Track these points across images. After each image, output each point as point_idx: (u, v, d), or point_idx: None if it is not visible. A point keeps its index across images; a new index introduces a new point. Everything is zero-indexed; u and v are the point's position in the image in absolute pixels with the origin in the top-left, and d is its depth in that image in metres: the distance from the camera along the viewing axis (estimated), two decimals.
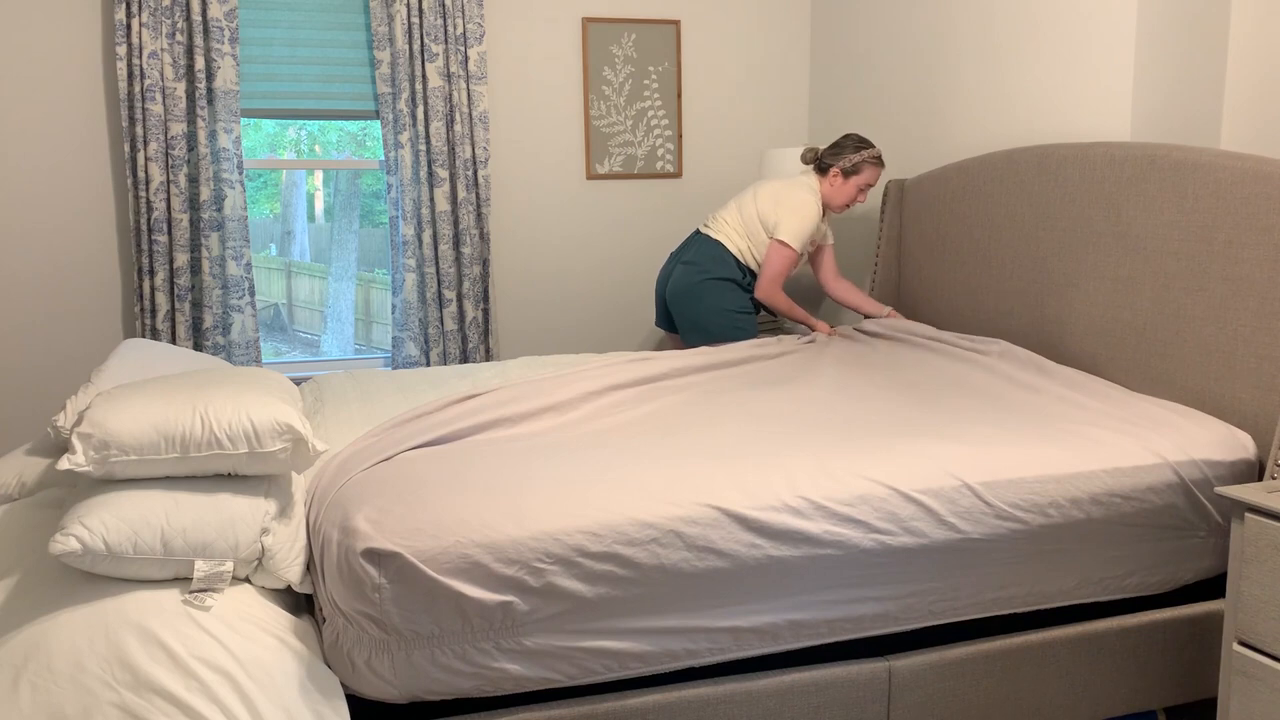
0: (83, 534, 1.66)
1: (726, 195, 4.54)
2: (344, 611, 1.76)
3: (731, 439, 2.22)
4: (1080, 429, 2.28)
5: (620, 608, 1.86)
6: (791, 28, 4.53)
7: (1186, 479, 2.18)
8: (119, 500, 1.73)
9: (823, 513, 1.95)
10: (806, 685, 1.98)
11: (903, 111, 3.89)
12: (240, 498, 1.81)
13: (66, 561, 1.67)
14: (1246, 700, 1.87)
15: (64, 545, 1.65)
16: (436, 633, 1.77)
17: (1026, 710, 2.16)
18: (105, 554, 1.68)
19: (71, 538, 1.66)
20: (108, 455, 1.73)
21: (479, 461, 2.05)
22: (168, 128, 3.67)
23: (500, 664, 1.81)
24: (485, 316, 4.10)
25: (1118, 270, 2.72)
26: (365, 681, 1.77)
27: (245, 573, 1.83)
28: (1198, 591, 2.30)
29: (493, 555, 1.78)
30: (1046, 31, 3.13)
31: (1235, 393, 2.40)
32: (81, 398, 2.26)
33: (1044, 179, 2.98)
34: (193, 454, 1.78)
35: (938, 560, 2.03)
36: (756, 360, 3.01)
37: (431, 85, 3.90)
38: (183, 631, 1.66)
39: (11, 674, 1.59)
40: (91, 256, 3.79)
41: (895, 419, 2.38)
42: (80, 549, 1.66)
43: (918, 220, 3.62)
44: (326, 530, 1.83)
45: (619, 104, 4.31)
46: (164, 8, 3.62)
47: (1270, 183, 2.31)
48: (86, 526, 1.67)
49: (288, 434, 1.82)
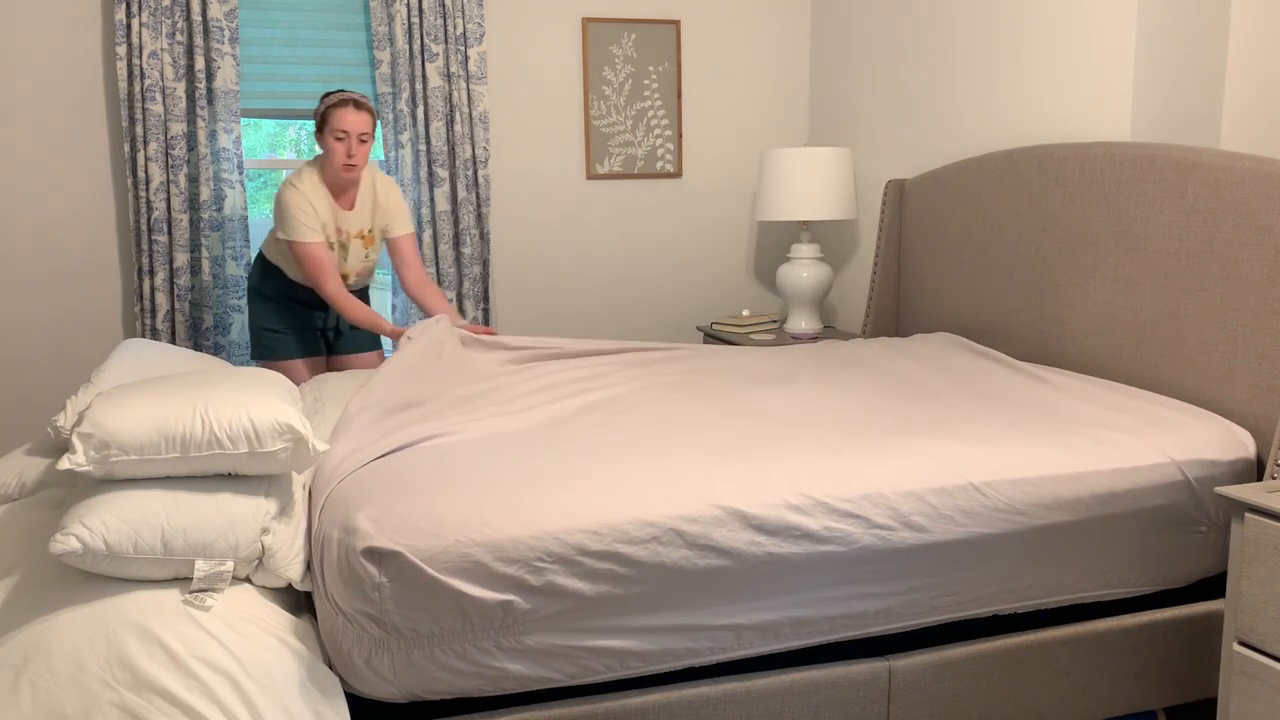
0: (83, 534, 1.66)
1: (727, 195, 4.54)
2: (344, 610, 1.76)
3: (731, 437, 2.22)
4: (1080, 427, 2.28)
5: (621, 606, 1.86)
6: (791, 28, 4.53)
7: (1188, 476, 2.18)
8: (119, 500, 1.73)
9: (823, 509, 1.95)
10: (806, 685, 1.98)
11: (903, 111, 3.89)
12: (240, 497, 1.80)
13: (66, 561, 1.67)
14: (1246, 700, 1.87)
15: (64, 545, 1.65)
16: (437, 632, 1.77)
17: (1026, 710, 2.15)
18: (105, 554, 1.67)
19: (72, 537, 1.66)
20: (108, 455, 1.73)
21: (479, 460, 2.05)
22: (168, 128, 3.67)
23: (501, 663, 1.81)
24: (485, 316, 4.10)
25: (1118, 270, 2.72)
26: (365, 681, 1.77)
27: (245, 572, 1.83)
28: (1198, 591, 2.30)
29: (493, 554, 1.78)
30: (1046, 31, 3.13)
31: (1235, 393, 2.40)
32: (81, 398, 2.26)
33: (1044, 179, 2.98)
34: (193, 454, 1.78)
35: (939, 557, 2.03)
36: (750, 357, 3.01)
37: (431, 85, 3.90)
38: (183, 631, 1.66)
39: (12, 674, 1.59)
40: (91, 256, 3.79)
41: (896, 416, 2.38)
42: (80, 548, 1.66)
43: (918, 220, 3.61)
44: (326, 529, 1.83)
45: (619, 104, 4.31)
46: (164, 8, 3.62)
47: (1270, 183, 2.31)
48: (87, 526, 1.67)
49: (288, 434, 1.82)
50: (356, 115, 3.16)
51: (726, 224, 4.55)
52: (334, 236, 3.28)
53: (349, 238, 3.31)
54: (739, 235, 4.58)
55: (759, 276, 4.64)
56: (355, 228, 3.31)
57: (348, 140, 3.16)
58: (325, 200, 3.23)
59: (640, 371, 2.81)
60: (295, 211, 3.16)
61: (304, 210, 3.17)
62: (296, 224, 3.16)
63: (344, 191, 3.27)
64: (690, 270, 4.52)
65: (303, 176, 3.23)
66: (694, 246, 4.51)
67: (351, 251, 3.32)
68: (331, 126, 3.15)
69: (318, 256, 3.18)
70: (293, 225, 3.16)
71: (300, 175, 3.23)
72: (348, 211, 3.29)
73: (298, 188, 3.19)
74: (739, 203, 4.56)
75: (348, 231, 3.30)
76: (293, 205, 3.17)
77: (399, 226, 3.37)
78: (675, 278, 4.51)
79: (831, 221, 4.41)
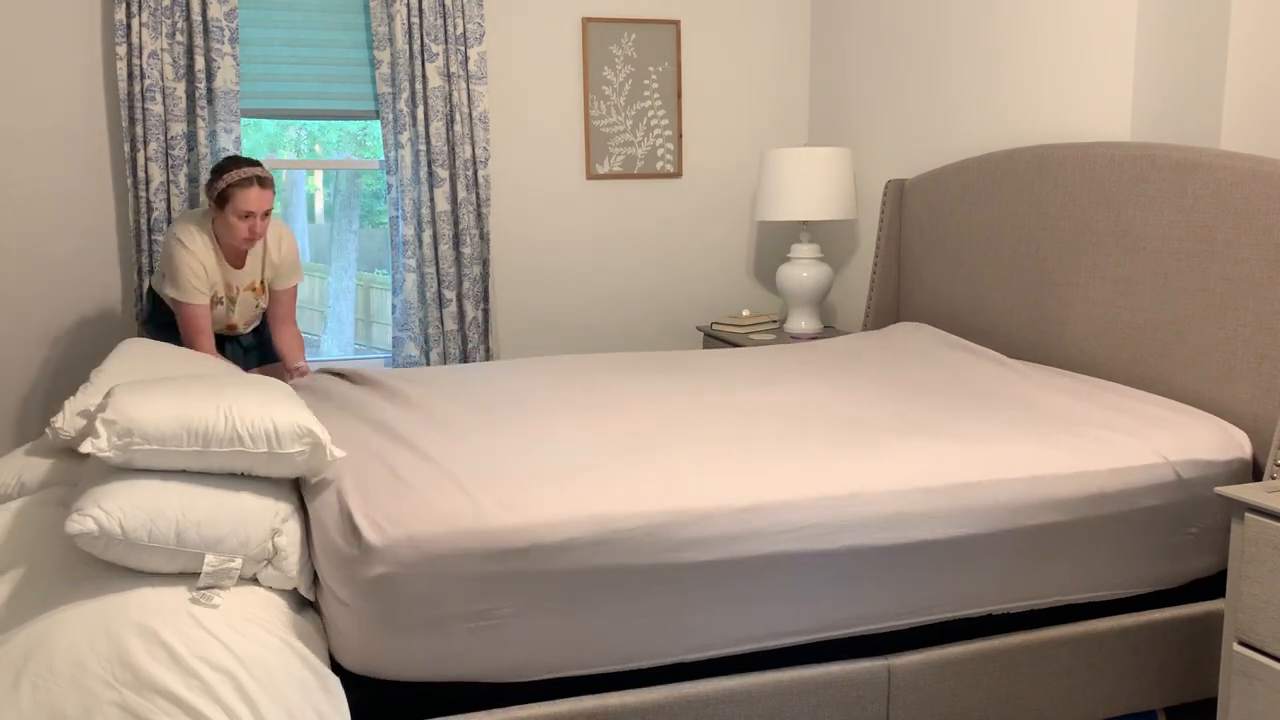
0: (100, 516, 1.67)
1: (727, 195, 4.54)
2: (339, 596, 1.78)
3: (728, 436, 2.23)
4: (1075, 426, 2.29)
5: (616, 601, 1.86)
6: (791, 28, 4.53)
7: (1182, 477, 2.18)
8: (136, 487, 1.75)
9: (821, 508, 1.96)
10: (806, 684, 1.99)
11: (903, 111, 3.90)
12: (254, 496, 1.84)
13: (80, 543, 1.68)
14: (1246, 700, 1.87)
15: (80, 525, 1.66)
16: (433, 619, 1.78)
17: (1026, 710, 2.16)
18: (120, 538, 1.69)
19: (89, 519, 1.67)
20: (130, 442, 1.76)
21: (473, 454, 2.06)
22: (168, 128, 3.67)
23: (495, 653, 1.82)
24: (485, 316, 4.10)
25: (1118, 270, 2.72)
26: (361, 665, 1.79)
27: (253, 571, 1.84)
28: (1198, 591, 2.30)
29: (486, 545, 1.78)
30: (1046, 31, 3.13)
31: (1235, 393, 2.40)
32: (81, 398, 2.26)
33: (1044, 179, 2.98)
34: (213, 449, 1.81)
35: (936, 557, 2.03)
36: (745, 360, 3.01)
37: (431, 85, 3.91)
38: (184, 631, 1.66)
39: (12, 673, 1.59)
40: (91, 256, 3.79)
41: (894, 416, 2.38)
42: (96, 530, 1.67)
43: (917, 220, 3.62)
44: (323, 517, 1.85)
45: (619, 104, 4.31)
46: (164, 8, 3.62)
47: (1270, 183, 2.31)
48: (104, 509, 1.68)
49: (307, 437, 1.87)
50: (261, 194, 3.05)
51: (726, 224, 4.55)
52: (223, 292, 3.22)
53: (238, 291, 3.26)
54: (739, 235, 4.58)
55: (759, 276, 4.64)
56: (245, 281, 3.27)
57: (252, 219, 3.06)
58: (214, 259, 3.15)
59: (637, 374, 2.81)
60: (184, 270, 3.07)
61: (194, 272, 3.08)
62: (184, 284, 3.08)
63: (236, 251, 3.21)
64: (690, 270, 4.52)
65: (194, 235, 3.11)
66: (694, 247, 4.52)
67: (240, 303, 3.29)
68: (235, 206, 3.03)
69: (198, 319, 3.11)
70: (180, 285, 3.08)
71: (190, 233, 3.11)
72: (238, 270, 3.23)
73: (188, 247, 3.08)
74: (739, 203, 4.56)
75: (237, 286, 3.25)
76: (182, 265, 3.07)
77: (288, 280, 3.34)
78: (675, 278, 4.51)
79: (831, 221, 4.41)
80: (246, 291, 3.28)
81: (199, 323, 3.12)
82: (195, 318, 3.12)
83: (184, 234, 3.11)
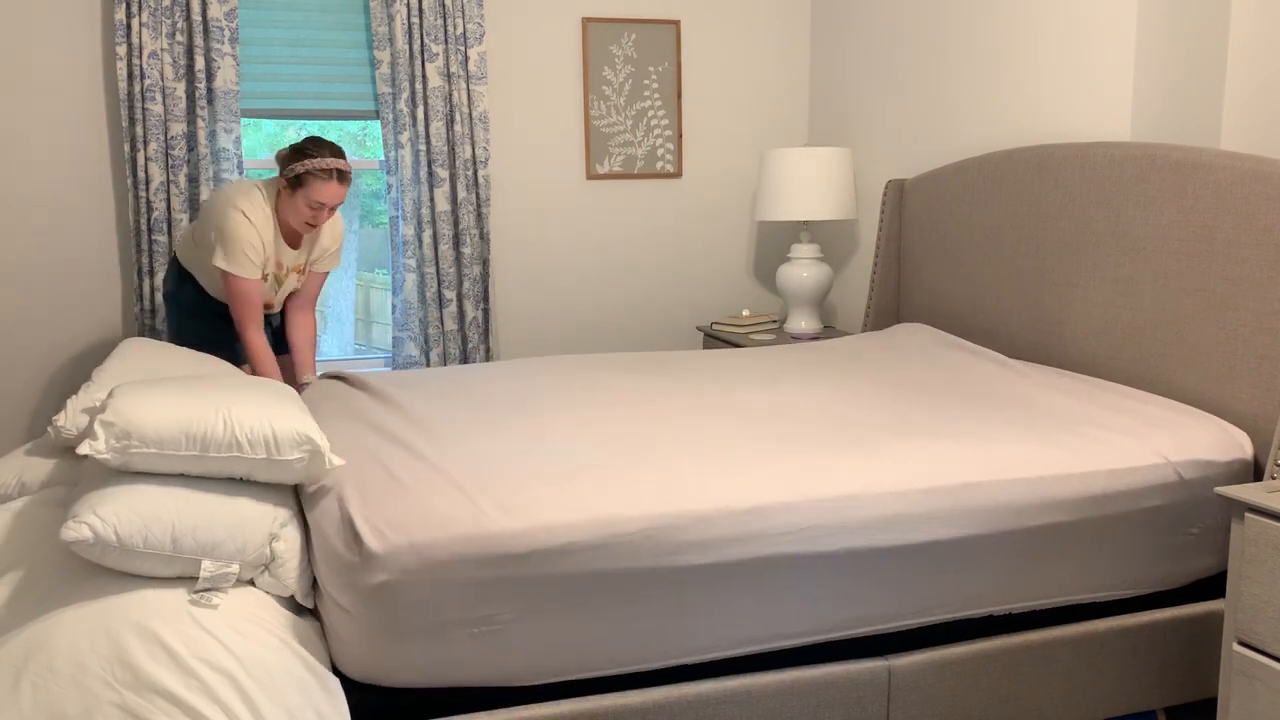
0: (95, 523, 1.67)
1: (727, 195, 4.54)
2: (340, 603, 1.77)
3: (728, 436, 2.23)
4: (1076, 426, 2.28)
5: (616, 605, 1.86)
6: (791, 28, 4.53)
7: (1183, 477, 2.18)
8: (132, 493, 1.74)
9: (821, 510, 1.96)
10: (806, 685, 1.99)
11: (903, 111, 3.90)
12: (252, 502, 1.83)
13: (76, 550, 1.68)
14: (1246, 700, 1.87)
15: (76, 533, 1.66)
16: (435, 625, 1.77)
17: (1026, 710, 2.16)
18: (116, 545, 1.68)
19: (84, 526, 1.66)
20: (128, 445, 1.76)
21: (471, 458, 2.06)
22: (168, 128, 3.67)
23: (496, 658, 1.82)
24: (485, 316, 4.10)
25: (1118, 270, 2.72)
26: (362, 672, 1.78)
27: (251, 576, 1.84)
28: (1198, 591, 2.30)
29: (486, 549, 1.78)
30: (1046, 32, 3.13)
31: (1235, 393, 2.40)
32: (82, 398, 2.26)
33: (1044, 179, 2.98)
34: (211, 454, 1.80)
35: (936, 558, 2.03)
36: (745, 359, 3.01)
37: (431, 85, 3.90)
38: (184, 631, 1.66)
39: (12, 673, 1.59)
40: (91, 256, 3.79)
41: (894, 417, 2.38)
42: (92, 537, 1.67)
43: (917, 220, 3.62)
44: (323, 523, 1.84)
45: (619, 104, 4.31)
46: (164, 8, 3.62)
47: (1270, 183, 2.31)
48: (100, 516, 1.68)
49: (306, 444, 1.87)
50: (339, 190, 2.99)
51: (726, 224, 4.55)
52: (272, 270, 3.17)
53: (286, 271, 3.22)
54: (739, 235, 4.58)
55: (759, 276, 4.64)
56: (294, 262, 3.23)
57: (321, 209, 3.02)
58: (272, 236, 3.08)
59: (637, 374, 2.81)
60: (243, 244, 2.99)
61: (252, 246, 3.00)
62: (240, 257, 2.99)
63: (294, 232, 3.16)
64: (690, 270, 4.52)
65: (255, 206, 3.03)
66: (694, 247, 4.51)
67: (285, 283, 3.25)
68: (308, 194, 2.97)
69: (249, 294, 3.04)
70: (235, 257, 2.99)
71: (253, 203, 3.03)
72: (292, 250, 3.20)
73: (250, 220, 3.00)
74: (739, 203, 4.56)
75: (286, 266, 3.21)
76: (242, 239, 2.98)
77: (327, 265, 3.32)
78: (675, 278, 4.51)
79: (831, 221, 4.41)
80: (293, 272, 3.24)
81: (251, 297, 3.05)
82: (248, 292, 3.04)
83: (248, 205, 3.02)
